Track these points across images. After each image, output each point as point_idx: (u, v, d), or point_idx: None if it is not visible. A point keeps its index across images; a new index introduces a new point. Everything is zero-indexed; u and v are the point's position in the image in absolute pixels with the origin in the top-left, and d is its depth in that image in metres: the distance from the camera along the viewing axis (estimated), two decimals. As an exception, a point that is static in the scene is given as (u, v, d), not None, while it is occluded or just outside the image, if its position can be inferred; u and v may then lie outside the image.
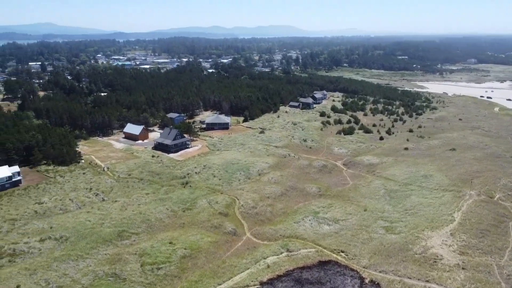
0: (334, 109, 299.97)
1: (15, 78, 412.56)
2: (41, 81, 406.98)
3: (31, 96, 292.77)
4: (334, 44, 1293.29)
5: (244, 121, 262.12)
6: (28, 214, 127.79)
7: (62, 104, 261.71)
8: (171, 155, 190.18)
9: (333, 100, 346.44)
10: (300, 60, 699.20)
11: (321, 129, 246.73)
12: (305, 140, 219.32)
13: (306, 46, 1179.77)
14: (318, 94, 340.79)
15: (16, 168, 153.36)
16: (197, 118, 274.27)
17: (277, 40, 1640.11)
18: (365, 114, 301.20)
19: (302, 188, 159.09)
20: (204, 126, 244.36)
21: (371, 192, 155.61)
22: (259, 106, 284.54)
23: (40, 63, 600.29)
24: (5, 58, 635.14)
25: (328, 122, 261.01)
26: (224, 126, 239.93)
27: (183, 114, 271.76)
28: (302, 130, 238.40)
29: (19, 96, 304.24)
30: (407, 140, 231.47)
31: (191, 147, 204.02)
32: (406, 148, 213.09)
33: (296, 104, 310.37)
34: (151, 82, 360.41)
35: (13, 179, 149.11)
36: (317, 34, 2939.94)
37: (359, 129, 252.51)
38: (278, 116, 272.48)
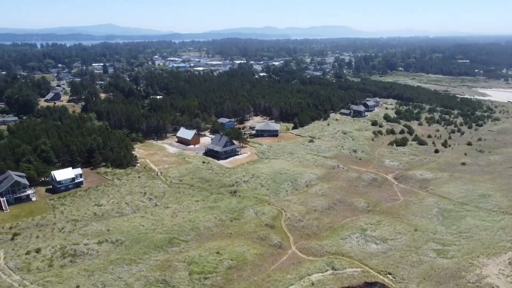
0: (386, 118, 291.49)
1: (79, 80, 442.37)
2: (103, 82, 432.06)
3: (94, 98, 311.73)
4: (389, 46, 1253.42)
5: (294, 128, 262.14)
6: (88, 215, 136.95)
7: (121, 107, 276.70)
8: (221, 161, 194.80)
9: (386, 108, 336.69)
10: (353, 64, 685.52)
11: (372, 139, 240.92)
12: (355, 151, 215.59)
13: (360, 48, 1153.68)
14: (370, 102, 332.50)
15: (78, 170, 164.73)
16: (247, 124, 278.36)
17: (330, 41, 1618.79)
18: (420, 124, 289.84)
19: (350, 202, 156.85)
20: (253, 132, 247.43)
21: (423, 210, 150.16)
22: (309, 113, 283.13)
23: (102, 64, 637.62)
24: (72, 59, 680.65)
25: (380, 132, 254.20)
26: (274, 134, 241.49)
27: (233, 120, 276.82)
28: (352, 140, 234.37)
29: (83, 97, 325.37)
30: (465, 154, 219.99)
31: (240, 154, 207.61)
32: (463, 163, 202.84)
33: (347, 111, 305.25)
34: (204, 86, 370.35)
35: (76, 181, 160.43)
36: (372, 34, 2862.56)
37: (413, 140, 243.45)
38: (328, 124, 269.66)
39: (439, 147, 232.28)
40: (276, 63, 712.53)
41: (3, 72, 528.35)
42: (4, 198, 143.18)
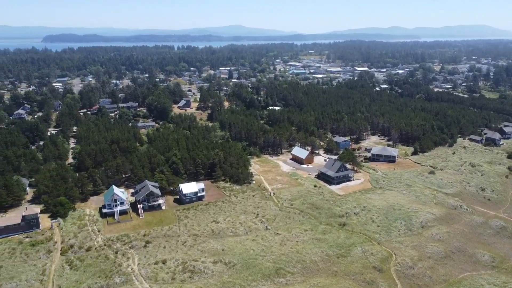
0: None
1: (207, 85, 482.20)
2: (227, 88, 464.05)
3: (218, 107, 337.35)
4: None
5: (413, 154, 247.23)
6: (206, 232, 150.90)
7: (242, 118, 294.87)
8: (332, 187, 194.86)
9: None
10: (491, 75, 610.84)
11: (507, 176, 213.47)
12: (483, 189, 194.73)
13: (502, 54, 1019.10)
14: (508, 127, 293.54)
15: (201, 185, 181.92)
16: (363, 144, 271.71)
17: (466, 44, 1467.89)
18: None
19: (471, 253, 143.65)
20: (369, 155, 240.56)
21: None
22: (433, 137, 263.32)
23: (228, 68, 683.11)
24: (202, 63, 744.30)
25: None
26: (390, 159, 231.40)
27: (348, 139, 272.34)
28: (481, 175, 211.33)
29: (209, 105, 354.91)
30: None
31: (353, 180, 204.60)
32: None
33: (478, 138, 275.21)
34: (321, 99, 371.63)
35: (198, 194, 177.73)
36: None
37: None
38: (454, 153, 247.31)
39: None
40: (400, 71, 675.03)
41: (146, 75, 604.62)
42: (141, 205, 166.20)
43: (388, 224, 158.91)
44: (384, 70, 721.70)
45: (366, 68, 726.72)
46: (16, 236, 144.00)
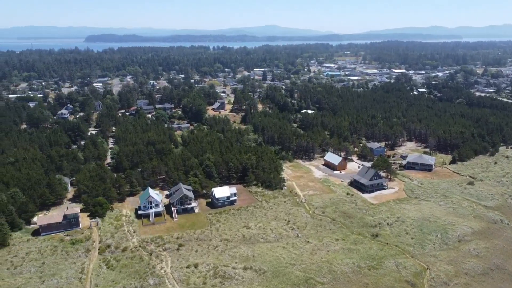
0: None
1: (241, 86, 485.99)
2: (261, 90, 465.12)
3: (252, 110, 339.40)
4: None
5: (451, 162, 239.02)
6: (237, 237, 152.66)
7: (275, 122, 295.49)
8: (365, 195, 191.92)
9: None
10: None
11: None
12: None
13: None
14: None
15: (233, 189, 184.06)
16: (398, 151, 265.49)
17: (511, 45, 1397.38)
18: None
19: (511, 271, 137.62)
20: (404, 163, 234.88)
21: None
22: (473, 145, 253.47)
23: (262, 69, 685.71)
24: (237, 64, 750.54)
25: None
26: (427, 168, 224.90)
27: (383, 146, 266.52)
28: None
29: (243, 108, 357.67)
30: None
31: (387, 188, 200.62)
32: None
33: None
34: (356, 103, 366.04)
35: (230, 199, 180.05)
36: None
37: None
38: (495, 162, 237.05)
39: None
40: (440, 74, 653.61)
41: (182, 75, 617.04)
42: (175, 208, 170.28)
43: (423, 236, 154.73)
44: (423, 72, 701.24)
45: (403, 70, 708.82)
46: (57, 234, 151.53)
